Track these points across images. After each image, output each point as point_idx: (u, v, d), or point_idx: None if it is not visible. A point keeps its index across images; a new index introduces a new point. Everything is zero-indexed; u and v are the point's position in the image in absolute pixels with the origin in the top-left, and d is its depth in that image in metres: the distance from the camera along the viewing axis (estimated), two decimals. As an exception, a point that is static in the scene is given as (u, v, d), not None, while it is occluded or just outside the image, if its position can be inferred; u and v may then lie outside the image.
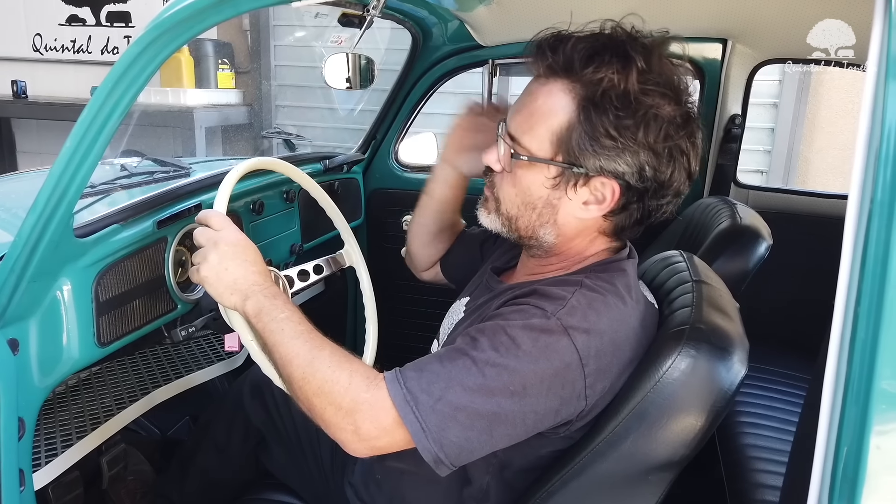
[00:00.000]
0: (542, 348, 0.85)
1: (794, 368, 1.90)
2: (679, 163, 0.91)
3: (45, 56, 5.70)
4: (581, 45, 0.89)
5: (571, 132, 0.89)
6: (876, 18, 0.64)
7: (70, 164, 0.93)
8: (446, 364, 0.86)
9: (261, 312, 0.95)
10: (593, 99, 0.88)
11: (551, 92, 0.91)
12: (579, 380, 0.86)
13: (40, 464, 1.14)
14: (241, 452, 1.41)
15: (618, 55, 0.88)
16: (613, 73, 0.87)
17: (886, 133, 0.62)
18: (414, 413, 0.83)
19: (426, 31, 2.01)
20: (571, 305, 0.88)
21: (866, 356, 0.63)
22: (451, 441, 0.84)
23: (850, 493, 0.64)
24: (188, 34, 0.95)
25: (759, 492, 1.39)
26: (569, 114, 0.89)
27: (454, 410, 0.83)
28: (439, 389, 0.84)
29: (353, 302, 2.32)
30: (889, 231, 0.62)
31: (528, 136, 0.93)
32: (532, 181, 0.94)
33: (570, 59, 0.89)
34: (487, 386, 0.84)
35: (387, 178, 2.28)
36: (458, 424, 0.84)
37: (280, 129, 4.86)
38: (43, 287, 1.04)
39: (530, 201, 0.96)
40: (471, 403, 0.83)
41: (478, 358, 0.85)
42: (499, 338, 0.86)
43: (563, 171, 0.92)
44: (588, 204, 0.93)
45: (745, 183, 2.18)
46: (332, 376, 0.87)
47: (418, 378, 0.85)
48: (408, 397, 0.84)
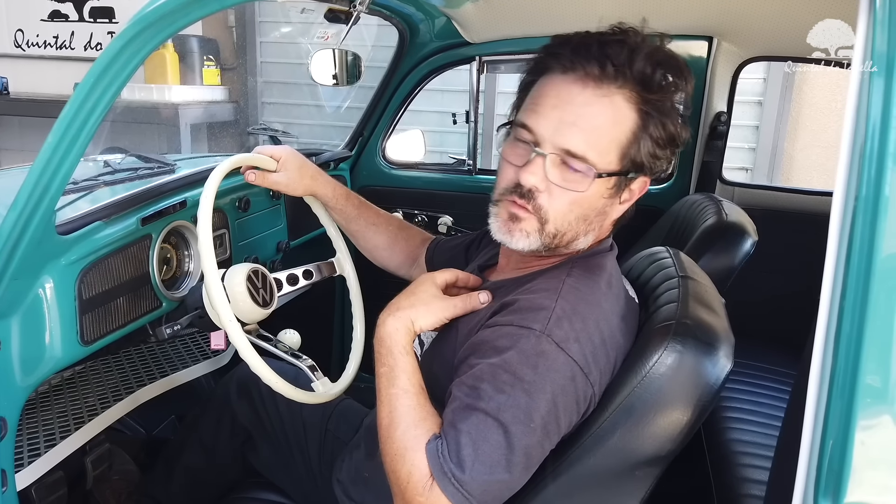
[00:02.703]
0: (544, 373, 0.84)
1: (780, 364, 1.92)
2: (675, 156, 0.96)
3: (27, 52, 5.63)
4: (642, 58, 0.88)
5: (637, 142, 0.90)
6: (860, 17, 0.65)
7: (52, 161, 0.92)
8: (461, 427, 0.84)
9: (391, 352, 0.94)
10: (661, 109, 0.89)
11: (612, 103, 0.88)
12: (588, 387, 0.87)
13: (23, 464, 1.12)
14: (228, 451, 1.40)
15: (671, 67, 0.90)
16: (674, 88, 0.90)
17: (871, 130, 0.63)
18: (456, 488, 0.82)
19: (413, 27, 2.01)
20: (557, 316, 0.87)
21: (851, 351, 0.64)
22: (494, 496, 0.84)
23: (836, 487, 0.65)
24: (172, 28, 0.94)
25: (745, 486, 1.40)
26: (632, 123, 0.89)
27: (490, 471, 0.82)
28: (468, 458, 0.82)
29: (340, 301, 2.31)
30: (873, 227, 0.62)
31: (591, 149, 0.88)
32: (593, 194, 0.90)
33: (639, 75, 0.87)
34: (510, 438, 0.82)
35: (374, 175, 2.28)
36: (497, 483, 0.83)
37: (266, 126, 4.83)
38: (25, 285, 1.02)
39: (584, 213, 0.92)
40: (503, 458, 0.83)
41: (490, 409, 0.83)
42: (500, 378, 0.84)
43: (622, 179, 0.92)
44: (624, 203, 0.95)
45: (730, 180, 2.20)
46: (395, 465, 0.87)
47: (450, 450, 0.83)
48: (448, 473, 0.82)
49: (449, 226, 2.23)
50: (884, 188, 0.61)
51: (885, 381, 0.63)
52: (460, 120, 2.35)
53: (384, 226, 1.41)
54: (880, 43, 0.62)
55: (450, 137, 4.63)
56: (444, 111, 3.77)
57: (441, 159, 2.54)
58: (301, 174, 1.28)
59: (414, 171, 2.31)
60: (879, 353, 0.63)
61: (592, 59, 0.87)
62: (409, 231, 1.44)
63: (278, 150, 1.29)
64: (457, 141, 4.59)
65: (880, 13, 0.62)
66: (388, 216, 1.44)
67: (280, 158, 1.27)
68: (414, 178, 2.30)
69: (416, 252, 1.41)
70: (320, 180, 1.32)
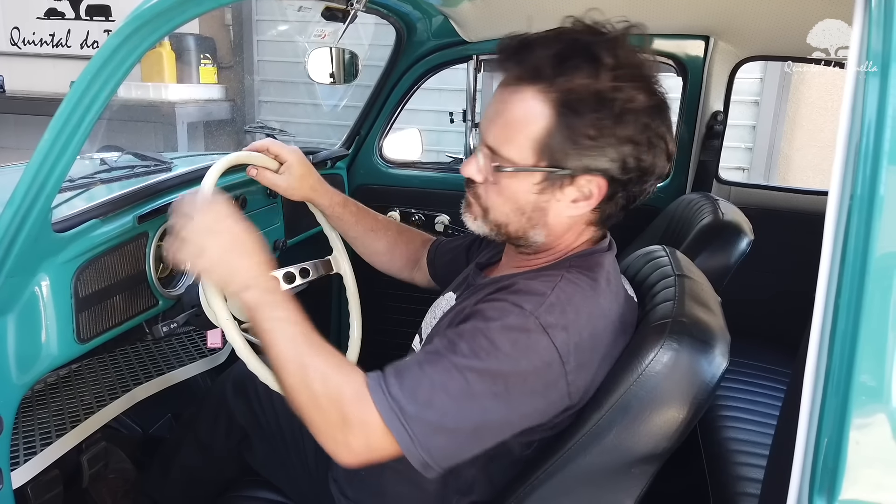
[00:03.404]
0: (522, 349, 0.85)
1: (775, 363, 1.93)
2: (659, 148, 0.92)
3: (23, 50, 5.62)
4: (547, 50, 0.89)
5: (551, 137, 0.90)
6: (856, 16, 0.65)
7: (48, 158, 0.92)
8: (427, 370, 0.86)
9: (256, 307, 0.93)
10: (569, 103, 0.88)
11: (524, 99, 0.90)
12: (561, 378, 0.87)
13: (19, 462, 1.12)
14: (225, 449, 1.40)
15: (586, 57, 0.88)
16: (585, 76, 0.87)
17: (866, 129, 0.63)
18: (401, 422, 0.83)
19: (410, 26, 2.01)
20: (550, 302, 0.88)
21: (846, 350, 0.64)
22: (438, 446, 0.84)
23: (831, 485, 0.65)
24: (168, 26, 0.94)
25: (740, 484, 1.41)
26: (546, 119, 0.89)
27: (440, 417, 0.83)
28: (424, 397, 0.84)
29: (336, 297, 2.31)
30: (869, 226, 0.62)
31: (508, 145, 0.92)
32: (518, 189, 0.94)
33: (538, 66, 0.89)
34: (471, 391, 0.84)
35: (371, 173, 2.28)
36: (444, 431, 0.84)
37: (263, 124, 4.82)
38: (21, 283, 1.02)
39: (519, 207, 0.95)
40: (456, 410, 0.84)
41: (459, 363, 0.85)
42: (478, 341, 0.86)
43: (548, 176, 0.92)
44: (577, 202, 0.94)
45: (727, 179, 2.20)
46: (323, 389, 0.87)
47: (400, 385, 0.85)
48: (393, 406, 0.83)
49: (446, 224, 2.23)
50: (879, 187, 0.61)
51: (880, 379, 0.64)
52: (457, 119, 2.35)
53: (383, 231, 1.41)
54: (876, 42, 0.62)
55: (447, 136, 4.63)
56: (442, 110, 3.77)
57: (438, 158, 2.54)
58: (301, 183, 1.29)
59: (411, 170, 2.31)
60: (874, 351, 0.63)
61: (510, 59, 0.92)
62: (409, 234, 1.44)
63: (286, 151, 1.29)
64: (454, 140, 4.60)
65: (875, 12, 0.62)
66: (387, 221, 1.44)
67: (286, 161, 1.28)
68: (411, 177, 2.30)
69: (417, 255, 1.41)
70: (319, 190, 1.33)
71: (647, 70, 0.91)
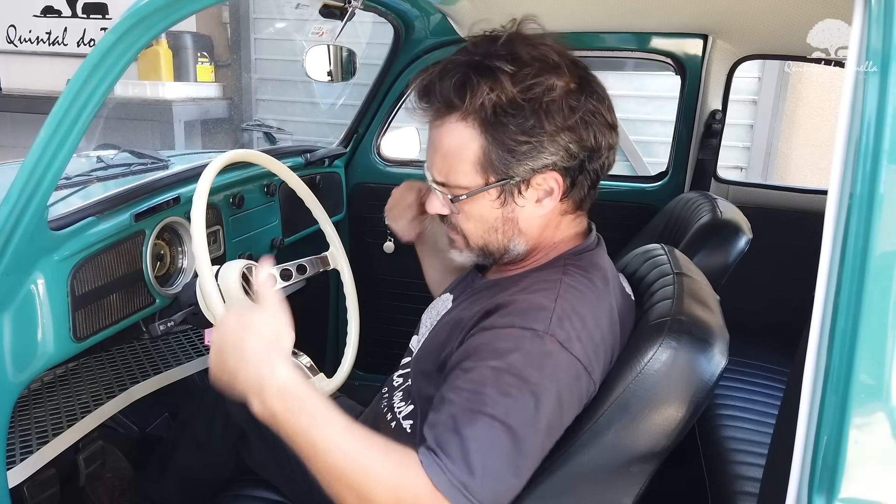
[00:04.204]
0: (550, 372, 0.84)
1: (774, 362, 1.93)
2: (595, 123, 0.92)
3: (19, 48, 5.60)
4: (447, 81, 0.91)
5: (488, 154, 0.91)
6: (855, 14, 0.65)
7: (44, 156, 0.92)
8: (466, 432, 0.81)
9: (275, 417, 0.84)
10: (488, 120, 0.90)
11: (451, 130, 0.93)
12: (591, 385, 0.88)
13: (15, 461, 1.12)
14: (222, 449, 1.40)
15: (482, 73, 0.90)
16: (488, 91, 0.89)
17: (865, 128, 0.63)
18: (468, 499, 0.79)
19: (408, 24, 2.00)
20: (558, 316, 0.87)
21: (845, 348, 0.64)
22: (501, 499, 0.83)
23: (830, 483, 0.65)
24: (165, 23, 0.93)
25: (739, 483, 1.41)
26: (476, 140, 0.91)
27: (502, 474, 0.81)
28: (479, 464, 0.79)
29: (335, 297, 2.30)
30: (868, 225, 0.62)
31: (454, 175, 0.94)
32: (481, 209, 0.96)
33: (446, 98, 0.91)
34: (518, 442, 0.81)
35: (369, 172, 2.27)
36: (506, 486, 0.82)
37: (261, 122, 4.82)
38: (17, 281, 1.02)
39: (490, 226, 0.97)
40: (514, 463, 0.82)
41: (497, 414, 0.81)
42: (505, 381, 0.82)
43: (502, 189, 0.94)
44: (541, 201, 0.95)
45: (725, 178, 2.20)
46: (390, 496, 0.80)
47: (451, 461, 0.80)
48: (456, 483, 0.79)
49: (444, 223, 2.23)
50: (878, 186, 0.61)
51: (879, 378, 0.64)
52: (455, 117, 2.33)
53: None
54: (875, 40, 0.62)
55: (445, 135, 4.62)
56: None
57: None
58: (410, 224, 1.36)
59: (409, 169, 2.30)
60: (873, 350, 0.63)
61: (422, 100, 0.95)
62: None
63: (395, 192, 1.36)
64: (452, 138, 4.58)
65: (875, 10, 0.62)
66: None
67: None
68: (409, 176, 2.28)
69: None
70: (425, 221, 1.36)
71: (552, 57, 0.92)
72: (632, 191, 2.12)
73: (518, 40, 0.92)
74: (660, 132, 4.50)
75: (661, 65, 2.12)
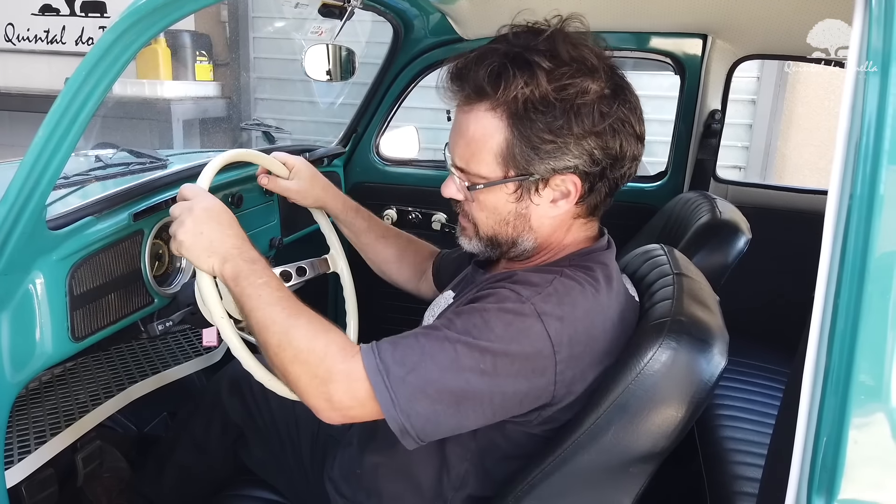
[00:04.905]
0: (515, 332, 0.86)
1: (773, 362, 1.93)
2: (624, 132, 0.92)
3: (17, 46, 5.59)
4: (483, 69, 0.91)
5: (512, 147, 0.92)
6: (856, 14, 0.65)
7: (42, 155, 0.91)
8: (421, 339, 0.88)
9: (238, 276, 0.94)
10: (517, 113, 0.90)
11: (478, 118, 0.93)
12: (550, 367, 0.87)
13: (13, 461, 1.12)
14: (220, 448, 1.40)
15: (520, 66, 0.89)
16: (523, 85, 0.88)
17: (866, 128, 0.62)
18: (385, 383, 0.85)
19: (408, 23, 2.00)
20: (548, 292, 0.89)
21: (845, 349, 0.64)
22: (418, 413, 0.85)
23: (829, 484, 0.65)
24: (164, 22, 0.93)
25: (738, 483, 1.41)
26: (502, 131, 0.92)
27: (424, 383, 0.85)
28: (412, 362, 0.86)
29: (333, 297, 2.30)
30: (868, 225, 0.62)
31: (475, 163, 0.95)
32: (496, 201, 0.97)
33: (478, 85, 0.91)
34: (458, 362, 0.85)
35: (368, 171, 2.27)
36: (426, 397, 0.85)
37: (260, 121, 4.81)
38: (15, 280, 1.01)
39: (502, 218, 0.98)
40: (440, 378, 0.85)
41: (451, 336, 0.87)
42: (473, 319, 0.88)
43: (520, 184, 0.94)
44: (556, 202, 0.95)
45: (724, 178, 2.20)
46: (309, 345, 0.89)
47: (393, 350, 0.87)
48: (380, 367, 0.86)
49: (443, 223, 2.23)
50: (879, 186, 0.61)
51: (879, 379, 0.63)
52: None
53: (393, 239, 1.41)
54: (876, 40, 0.62)
55: (444, 134, 4.62)
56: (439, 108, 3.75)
57: (435, 156, 2.53)
58: (312, 184, 1.30)
59: (408, 168, 2.30)
60: (873, 351, 0.63)
61: (455, 83, 0.95)
62: (418, 245, 1.44)
63: (292, 158, 1.29)
64: (451, 138, 4.58)
65: (876, 10, 0.62)
66: (397, 230, 1.45)
67: (293, 167, 1.28)
68: (408, 175, 2.29)
69: (424, 266, 1.41)
70: (331, 192, 1.33)
71: (592, 60, 0.91)
72: (631, 190, 2.12)
73: (560, 38, 0.91)
74: (659, 132, 4.50)
75: (660, 64, 2.12)
